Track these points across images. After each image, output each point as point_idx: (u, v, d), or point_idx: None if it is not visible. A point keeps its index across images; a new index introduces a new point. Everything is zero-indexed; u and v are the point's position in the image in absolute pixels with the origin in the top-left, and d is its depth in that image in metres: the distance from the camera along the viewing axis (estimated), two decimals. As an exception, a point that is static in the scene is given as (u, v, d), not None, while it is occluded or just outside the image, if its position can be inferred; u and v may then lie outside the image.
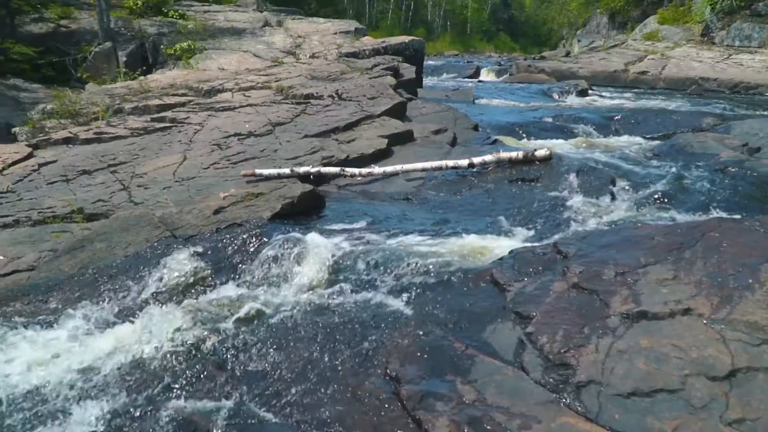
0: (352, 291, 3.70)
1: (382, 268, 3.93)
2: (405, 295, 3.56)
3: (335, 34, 17.19)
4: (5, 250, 4.68)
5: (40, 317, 3.77)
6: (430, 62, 27.06)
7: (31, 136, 8.23)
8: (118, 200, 5.51)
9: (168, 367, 3.14)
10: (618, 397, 2.45)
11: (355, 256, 4.08)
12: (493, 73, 25.76)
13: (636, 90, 19.45)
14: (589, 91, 17.07)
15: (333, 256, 4.06)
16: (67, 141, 7.58)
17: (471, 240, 4.31)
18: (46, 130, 8.36)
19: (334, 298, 3.65)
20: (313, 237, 4.27)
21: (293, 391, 2.86)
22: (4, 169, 6.51)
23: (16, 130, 8.72)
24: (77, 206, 5.32)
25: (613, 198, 5.44)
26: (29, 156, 6.99)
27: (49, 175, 6.34)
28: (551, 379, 2.61)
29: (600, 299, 3.03)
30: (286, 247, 4.18)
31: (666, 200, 5.34)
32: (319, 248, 4.13)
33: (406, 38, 15.69)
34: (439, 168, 6.21)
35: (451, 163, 6.23)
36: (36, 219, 5.19)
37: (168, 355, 3.22)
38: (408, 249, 4.13)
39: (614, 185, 5.66)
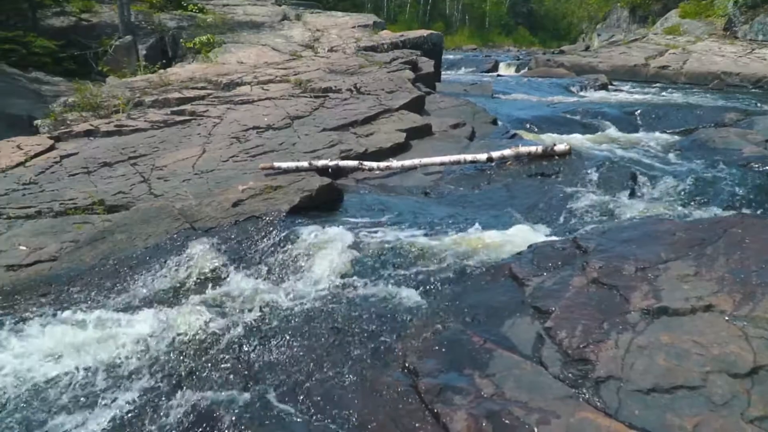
0: (369, 284, 3.70)
1: (399, 261, 3.93)
2: (423, 289, 3.56)
3: (353, 27, 17.17)
4: (28, 240, 4.74)
5: (62, 307, 3.82)
6: (448, 56, 26.92)
7: (53, 128, 8.33)
8: (138, 192, 5.56)
9: (187, 358, 3.16)
10: (638, 393, 2.43)
11: (373, 249, 4.08)
12: (512, 67, 25.62)
13: (657, 85, 19.23)
14: (609, 86, 16.91)
15: (351, 249, 4.07)
16: (88, 133, 7.66)
17: (489, 234, 4.29)
18: (68, 122, 8.46)
19: (351, 291, 3.66)
20: (331, 230, 4.28)
21: (311, 382, 2.87)
22: (26, 161, 6.60)
23: (38, 122, 8.83)
24: (98, 198, 5.38)
25: (633, 193, 5.40)
26: (51, 148, 7.07)
27: (70, 167, 6.41)
28: (570, 374, 2.59)
29: (620, 294, 3.01)
30: (304, 240, 4.20)
31: (687, 196, 5.28)
32: (337, 241, 4.14)
33: (424, 32, 15.65)
34: (458, 162, 6.19)
35: (469, 157, 6.21)
36: (58, 210, 5.25)
37: (187, 346, 3.25)
38: (426, 243, 4.13)
39: (634, 180, 5.61)
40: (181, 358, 3.18)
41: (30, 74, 12.16)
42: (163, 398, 2.86)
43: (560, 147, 6.19)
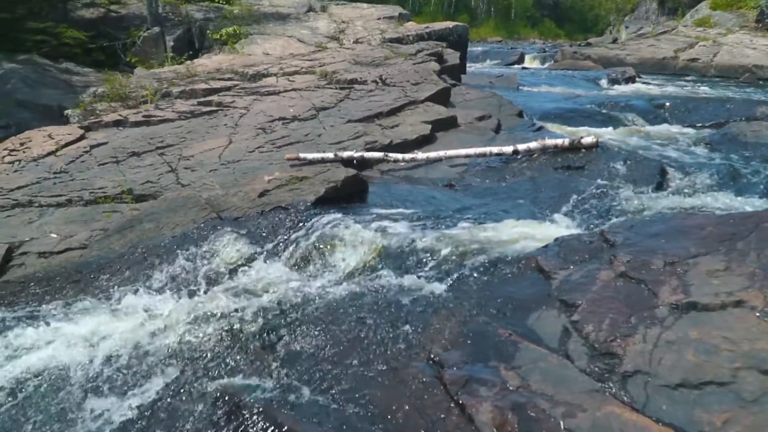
0: (394, 275, 3.70)
1: (424, 253, 3.93)
2: (448, 281, 3.56)
3: (379, 19, 17.13)
4: (59, 228, 4.83)
5: (92, 294, 3.90)
6: (474, 48, 26.71)
7: (82, 118, 8.46)
8: (165, 182, 5.63)
9: (214, 345, 3.20)
10: (666, 388, 2.41)
11: (397, 240, 4.08)
12: (538, 59, 25.37)
13: (686, 78, 18.91)
14: (637, 79, 16.65)
15: (376, 240, 4.08)
16: (117, 123, 7.77)
17: (515, 227, 4.27)
18: (97, 112, 8.58)
19: (376, 282, 3.66)
20: (356, 221, 4.29)
21: (336, 372, 2.88)
22: (57, 150, 6.71)
23: (68, 112, 8.98)
24: (127, 187, 5.46)
25: (662, 187, 5.33)
26: (81, 138, 7.19)
27: (100, 156, 6.51)
28: (597, 368, 2.58)
29: (648, 289, 2.97)
30: (329, 230, 4.21)
31: (717, 190, 5.20)
32: (363, 232, 4.15)
33: (450, 24, 15.58)
34: (483, 154, 6.16)
35: (495, 149, 6.18)
36: (88, 199, 5.34)
37: (214, 334, 3.29)
38: (451, 235, 4.12)
39: (663, 174, 5.54)
40: (208, 345, 3.22)
41: (60, 65, 12.36)
42: (191, 384, 2.91)
43: (587, 140, 6.13)
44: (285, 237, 4.28)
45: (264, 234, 4.34)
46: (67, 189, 5.58)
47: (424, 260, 3.84)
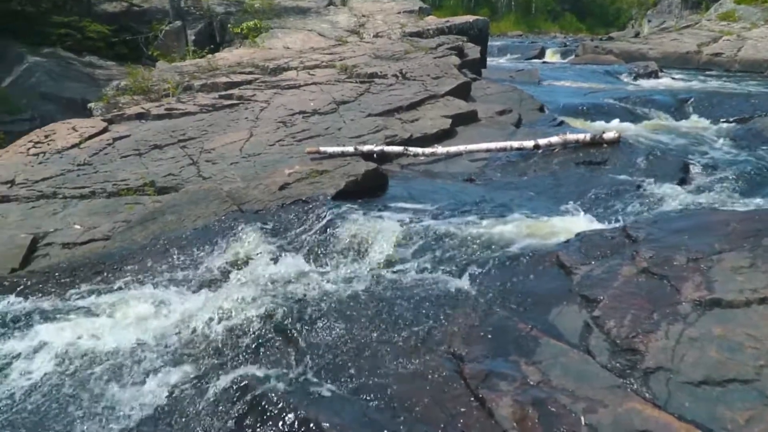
0: (415, 269, 3.71)
1: (444, 247, 3.93)
2: (468, 275, 3.55)
3: (399, 13, 17.07)
4: (82, 219, 4.90)
5: (115, 284, 3.93)
6: (494, 43, 26.53)
7: (105, 111, 8.55)
8: (187, 174, 5.67)
9: (234, 336, 3.22)
10: (688, 385, 2.39)
11: (418, 234, 4.09)
12: (559, 53, 25.10)
13: (709, 72, 18.62)
14: (660, 73, 16.45)
15: (396, 234, 4.08)
16: (139, 116, 7.84)
17: (535, 222, 4.25)
18: (120, 105, 8.67)
19: (396, 276, 3.66)
20: (376, 215, 4.30)
21: (356, 364, 2.89)
22: (81, 142, 6.79)
23: (91, 105, 9.08)
24: (149, 179, 5.52)
25: (685, 183, 5.27)
26: (104, 130, 7.26)
27: (122, 149, 6.58)
28: (618, 364, 2.57)
29: (671, 285, 2.95)
30: (349, 224, 4.22)
31: (742, 186, 5.13)
32: (382, 226, 4.15)
33: (470, 18, 15.49)
34: (504, 149, 6.14)
35: (516, 144, 6.15)
36: (110, 191, 5.40)
37: (234, 325, 3.31)
38: (471, 229, 4.11)
39: (686, 170, 5.48)
40: (229, 336, 3.24)
41: (84, 58, 12.51)
42: (211, 374, 2.93)
43: (609, 135, 6.08)
44: (305, 230, 4.29)
45: (284, 227, 4.36)
46: (90, 181, 5.65)
47: (444, 254, 3.84)
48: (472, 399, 2.49)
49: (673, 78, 16.13)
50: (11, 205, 5.30)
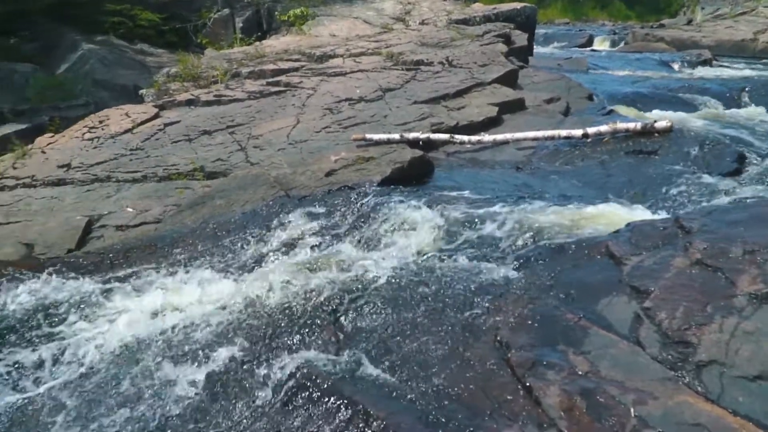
0: (461, 256, 3.69)
1: (491, 235, 3.90)
2: (515, 264, 3.52)
3: (445, 0, 16.94)
4: (135, 203, 5.03)
5: (166, 266, 4.03)
6: (541, 30, 26.07)
7: (156, 97, 8.74)
8: (235, 160, 5.76)
9: (283, 319, 3.27)
10: (742, 379, 2.33)
11: (464, 222, 4.07)
12: (608, 41, 24.54)
13: (766, 61, 17.99)
14: (713, 62, 15.95)
15: (442, 221, 4.07)
16: (189, 103, 7.99)
17: (584, 211, 4.18)
18: (170, 92, 8.84)
19: (443, 263, 3.65)
20: (422, 202, 4.29)
21: (403, 350, 2.90)
22: (134, 127, 6.96)
23: (143, 91, 9.30)
24: (198, 164, 5.63)
25: (740, 173, 5.11)
26: (156, 116, 7.42)
27: (173, 134, 6.72)
28: (669, 357, 2.51)
29: (725, 277, 2.87)
30: (395, 210, 4.23)
31: (801, 178, 4.96)
32: (429, 213, 4.15)
33: (517, 4, 15.24)
34: (552, 138, 6.06)
35: (564, 132, 6.06)
36: (161, 175, 5.53)
37: (283, 308, 3.36)
38: (518, 218, 4.07)
39: (741, 161, 5.31)
40: (276, 319, 3.28)
41: (135, 46, 12.78)
42: (259, 357, 2.98)
43: (661, 124, 5.93)
44: (351, 216, 4.32)
45: (331, 212, 4.39)
46: (142, 165, 5.79)
47: (491, 242, 3.81)
48: (519, 387, 2.48)
49: (727, 67, 15.63)
50: (67, 188, 5.48)
